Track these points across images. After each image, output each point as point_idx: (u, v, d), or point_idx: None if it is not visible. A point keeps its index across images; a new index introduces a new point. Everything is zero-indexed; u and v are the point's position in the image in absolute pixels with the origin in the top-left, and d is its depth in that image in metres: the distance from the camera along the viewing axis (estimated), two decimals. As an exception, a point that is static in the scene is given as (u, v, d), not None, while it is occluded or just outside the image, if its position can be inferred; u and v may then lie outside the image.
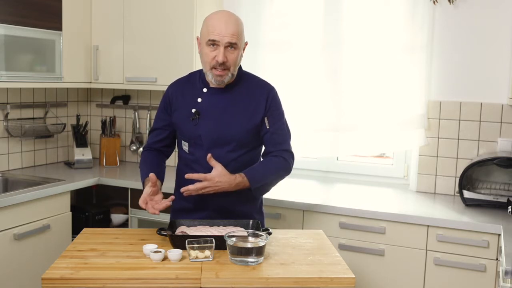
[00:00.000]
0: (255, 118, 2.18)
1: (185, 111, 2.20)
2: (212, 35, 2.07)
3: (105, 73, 3.47)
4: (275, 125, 2.21)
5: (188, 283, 1.70)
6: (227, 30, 2.06)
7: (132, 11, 3.35)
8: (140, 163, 2.35)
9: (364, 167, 3.36)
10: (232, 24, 2.08)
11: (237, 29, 2.09)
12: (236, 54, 2.11)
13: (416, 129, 3.02)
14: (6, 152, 3.31)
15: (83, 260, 1.82)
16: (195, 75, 2.29)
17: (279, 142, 2.21)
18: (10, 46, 2.93)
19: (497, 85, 2.87)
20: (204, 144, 2.16)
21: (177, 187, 2.30)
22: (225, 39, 2.06)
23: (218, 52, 2.07)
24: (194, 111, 2.17)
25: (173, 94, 2.26)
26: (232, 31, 2.07)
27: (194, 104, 2.19)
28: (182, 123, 2.21)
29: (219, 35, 2.06)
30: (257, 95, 2.21)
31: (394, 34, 3.00)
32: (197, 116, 2.16)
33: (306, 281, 1.72)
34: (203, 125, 2.16)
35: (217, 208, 2.20)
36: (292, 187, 3.10)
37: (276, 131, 2.21)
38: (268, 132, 2.19)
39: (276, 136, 2.21)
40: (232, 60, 2.10)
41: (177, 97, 2.24)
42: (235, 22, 2.10)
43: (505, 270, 1.79)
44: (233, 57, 2.10)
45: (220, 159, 2.10)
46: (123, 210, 3.28)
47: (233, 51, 2.09)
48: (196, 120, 2.17)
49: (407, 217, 2.55)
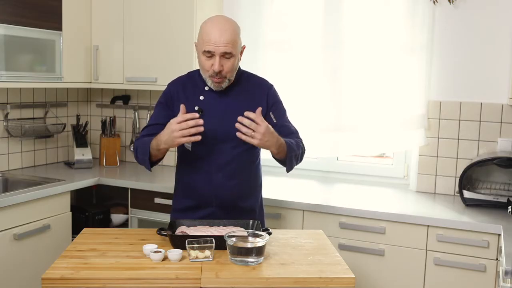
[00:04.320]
0: None
1: (188, 108, 2.17)
2: (207, 45, 2.07)
3: (105, 73, 3.47)
4: (282, 118, 2.27)
5: (188, 283, 1.70)
6: (221, 40, 2.06)
7: (132, 11, 3.35)
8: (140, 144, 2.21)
9: (364, 167, 3.36)
10: (227, 33, 2.07)
11: (232, 37, 2.08)
12: (232, 61, 2.11)
13: (416, 129, 3.02)
14: (6, 152, 3.31)
15: (83, 260, 1.82)
16: (194, 73, 2.30)
17: (290, 132, 2.26)
18: (10, 46, 2.93)
19: (497, 85, 2.87)
20: (208, 141, 2.16)
21: (180, 187, 2.30)
22: (220, 49, 2.06)
23: (214, 61, 2.08)
24: (197, 108, 2.18)
25: (174, 91, 2.26)
26: (226, 39, 2.06)
27: (196, 101, 2.20)
28: None
29: (214, 45, 2.06)
30: (257, 94, 2.24)
31: (394, 34, 3.00)
32: (201, 113, 2.16)
33: (306, 281, 1.72)
34: (207, 122, 2.14)
35: (220, 205, 2.21)
36: (292, 187, 3.10)
37: (284, 123, 2.26)
38: (276, 125, 2.20)
39: (285, 128, 2.26)
40: (228, 67, 2.11)
41: (178, 94, 2.24)
42: (229, 29, 2.09)
43: (505, 270, 1.79)
44: (229, 65, 2.11)
45: (225, 154, 2.13)
46: (123, 210, 3.28)
47: (228, 59, 2.10)
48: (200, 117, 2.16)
49: (407, 217, 2.55)
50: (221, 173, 2.18)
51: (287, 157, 2.14)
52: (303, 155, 2.27)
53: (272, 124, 2.20)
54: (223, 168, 2.18)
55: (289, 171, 2.24)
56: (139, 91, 3.75)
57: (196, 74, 2.27)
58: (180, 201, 2.29)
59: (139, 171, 3.47)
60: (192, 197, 2.23)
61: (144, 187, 3.07)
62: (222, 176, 2.18)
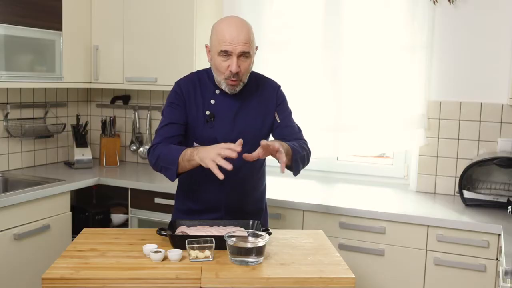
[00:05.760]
0: (268, 118, 2.18)
1: (198, 112, 2.13)
2: (224, 45, 2.00)
3: (105, 73, 3.47)
4: (287, 118, 2.22)
5: (188, 283, 1.70)
6: (239, 39, 1.99)
7: (132, 11, 3.35)
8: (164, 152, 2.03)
9: (364, 167, 3.36)
10: (244, 32, 2.01)
11: (249, 37, 2.03)
12: (249, 62, 2.06)
13: (416, 129, 3.02)
14: (6, 152, 3.31)
15: (83, 260, 1.81)
16: (203, 74, 2.20)
17: (294, 133, 2.21)
18: (10, 46, 2.93)
19: (497, 85, 2.87)
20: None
21: (185, 189, 2.27)
22: (238, 48, 2.00)
23: (232, 62, 2.00)
24: (209, 113, 2.12)
25: (186, 91, 2.15)
26: (244, 39, 2.00)
27: (207, 105, 2.13)
28: (196, 125, 2.13)
29: (232, 45, 1.99)
30: (267, 95, 2.21)
31: (394, 34, 3.00)
32: (212, 119, 2.12)
33: (306, 281, 1.72)
34: (219, 127, 2.11)
35: (228, 210, 2.19)
36: (292, 187, 3.10)
37: (288, 123, 2.22)
38: (279, 126, 2.18)
39: (289, 128, 2.21)
40: (245, 69, 2.05)
41: (189, 94, 2.14)
42: (246, 29, 2.03)
43: (505, 270, 1.79)
44: (246, 66, 2.05)
45: (237, 160, 2.03)
46: (123, 210, 3.28)
47: (246, 59, 2.04)
48: (211, 123, 2.12)
49: (407, 217, 2.55)
50: (231, 178, 2.06)
51: (292, 161, 2.04)
52: (309, 157, 2.19)
53: (276, 124, 2.19)
54: (234, 174, 1.99)
55: (297, 175, 2.13)
56: (139, 91, 3.75)
57: (205, 75, 2.19)
58: (183, 203, 2.26)
59: (139, 171, 3.47)
60: (199, 202, 2.19)
61: (144, 187, 3.07)
62: (233, 181, 2.11)
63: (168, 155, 2.01)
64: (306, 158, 2.16)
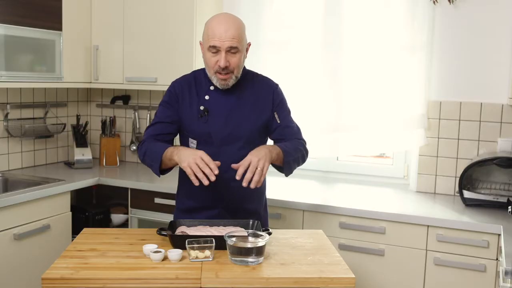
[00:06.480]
0: (263, 115, 2.20)
1: (192, 108, 2.19)
2: (212, 40, 2.06)
3: (105, 73, 3.47)
4: (286, 119, 2.25)
5: (188, 283, 1.70)
6: (226, 34, 2.05)
7: (132, 11, 3.35)
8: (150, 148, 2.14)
9: (364, 167, 3.36)
10: (232, 28, 2.06)
11: (237, 32, 2.07)
12: (238, 57, 2.10)
13: (416, 129, 3.02)
14: (6, 152, 3.31)
15: (83, 260, 1.81)
16: (199, 73, 2.26)
17: (293, 133, 2.24)
18: (10, 46, 2.93)
19: (497, 85, 2.87)
20: (215, 141, 2.15)
21: (184, 187, 2.28)
22: (226, 43, 2.05)
23: (220, 57, 2.06)
24: (203, 108, 2.17)
25: (179, 90, 2.22)
26: (232, 34, 2.05)
27: (201, 101, 2.18)
28: (190, 121, 2.19)
29: (219, 40, 2.05)
30: (263, 93, 2.23)
31: (394, 34, 3.00)
32: (206, 113, 2.16)
33: (306, 281, 1.72)
34: (213, 122, 2.15)
35: (226, 207, 2.21)
36: (292, 187, 3.10)
37: (288, 124, 2.25)
38: (279, 126, 2.20)
39: (289, 129, 2.24)
40: (235, 63, 2.09)
41: (183, 93, 2.21)
42: (235, 25, 2.08)
43: (505, 270, 1.79)
44: (235, 61, 2.09)
45: (232, 156, 2.09)
46: (123, 210, 3.28)
47: (234, 54, 2.08)
48: (205, 118, 2.16)
49: (407, 217, 2.55)
50: (227, 174, 2.09)
51: (283, 163, 2.10)
52: (304, 157, 2.23)
53: (276, 125, 2.21)
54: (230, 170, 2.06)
55: (288, 175, 2.19)
56: (139, 91, 3.76)
57: (202, 73, 2.25)
58: (183, 202, 2.28)
59: (139, 171, 3.47)
60: (197, 199, 2.22)
61: (144, 187, 3.07)
62: (228, 177, 2.12)
63: (153, 152, 2.12)
64: (301, 158, 2.21)
